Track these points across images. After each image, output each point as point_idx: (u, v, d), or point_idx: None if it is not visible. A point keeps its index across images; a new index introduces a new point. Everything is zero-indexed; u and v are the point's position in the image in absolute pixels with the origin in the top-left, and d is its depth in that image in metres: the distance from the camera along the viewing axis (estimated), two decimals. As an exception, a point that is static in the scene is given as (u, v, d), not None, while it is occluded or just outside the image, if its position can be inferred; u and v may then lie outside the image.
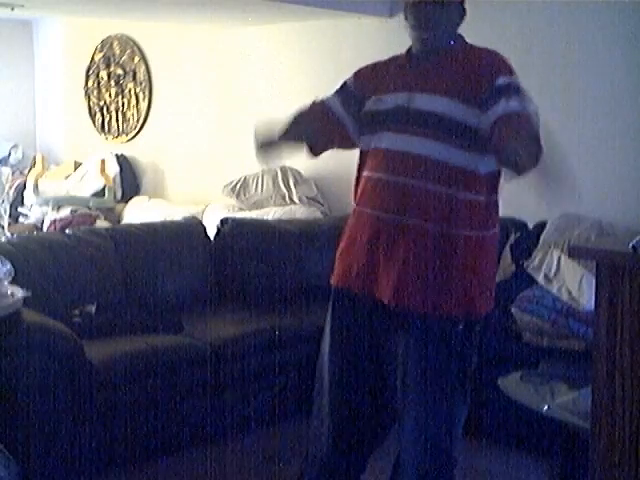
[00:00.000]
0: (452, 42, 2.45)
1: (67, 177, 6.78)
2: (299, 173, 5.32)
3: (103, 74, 6.95)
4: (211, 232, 4.41)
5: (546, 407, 2.86)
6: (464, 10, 2.47)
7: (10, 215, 6.39)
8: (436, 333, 2.40)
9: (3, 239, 5.18)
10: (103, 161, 6.42)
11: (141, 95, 6.63)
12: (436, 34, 2.42)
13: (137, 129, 6.69)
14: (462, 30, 2.47)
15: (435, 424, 2.43)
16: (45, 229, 6.04)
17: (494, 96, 2.30)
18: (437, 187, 2.36)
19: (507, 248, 4.00)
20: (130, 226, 4.54)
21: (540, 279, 3.69)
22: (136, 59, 6.65)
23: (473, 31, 2.47)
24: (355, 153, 2.59)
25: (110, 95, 6.92)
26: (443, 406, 2.43)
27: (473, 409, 2.55)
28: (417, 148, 2.38)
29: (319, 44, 5.38)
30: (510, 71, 2.37)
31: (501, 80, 2.32)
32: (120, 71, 6.80)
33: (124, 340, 3.49)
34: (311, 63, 5.42)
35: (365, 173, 2.50)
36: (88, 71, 7.10)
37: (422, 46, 2.45)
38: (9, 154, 7.14)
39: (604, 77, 4.07)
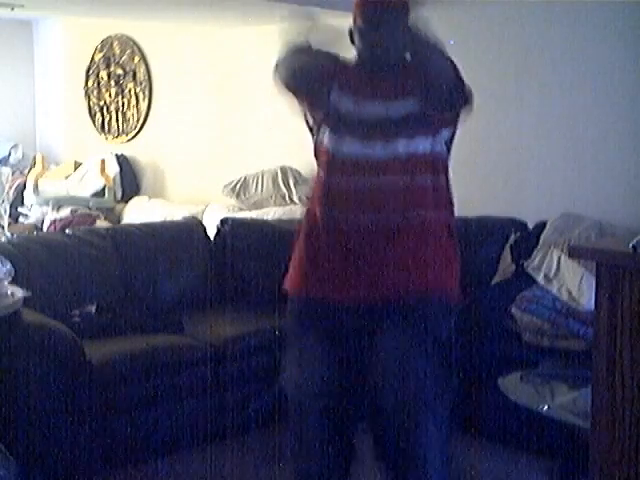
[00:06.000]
0: None
1: (67, 177, 6.77)
2: (299, 173, 5.31)
3: (103, 74, 6.95)
4: (211, 232, 4.41)
5: (546, 407, 2.87)
6: None
7: (10, 215, 6.39)
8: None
9: (3, 239, 5.18)
10: (103, 161, 6.42)
11: (141, 95, 6.63)
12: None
13: (137, 129, 6.69)
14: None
15: None
16: (45, 229, 6.04)
17: None
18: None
19: (507, 248, 3.99)
20: (130, 226, 4.54)
21: (540, 279, 3.69)
22: (136, 59, 6.65)
23: (473, 31, 2.46)
24: None
25: (110, 95, 6.92)
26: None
27: (473, 409, 2.54)
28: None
29: (319, 44, 5.36)
30: None
31: None
32: (120, 71, 6.80)
33: (124, 340, 3.49)
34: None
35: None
36: (88, 71, 7.10)
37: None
38: (9, 154, 7.14)
39: (604, 77, 4.07)
